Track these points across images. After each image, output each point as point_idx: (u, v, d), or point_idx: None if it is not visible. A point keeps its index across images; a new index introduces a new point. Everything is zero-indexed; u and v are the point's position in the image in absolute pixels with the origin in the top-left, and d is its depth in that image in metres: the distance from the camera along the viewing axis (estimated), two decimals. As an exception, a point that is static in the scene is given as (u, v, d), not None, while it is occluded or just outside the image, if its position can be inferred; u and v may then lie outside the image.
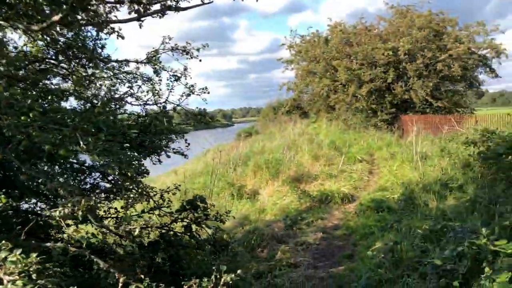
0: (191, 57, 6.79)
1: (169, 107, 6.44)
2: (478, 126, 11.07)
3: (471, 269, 3.28)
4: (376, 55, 21.39)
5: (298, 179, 11.14)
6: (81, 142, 2.92)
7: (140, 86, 6.26)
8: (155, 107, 6.31)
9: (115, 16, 4.50)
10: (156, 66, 6.55)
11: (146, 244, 4.67)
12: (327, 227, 7.24)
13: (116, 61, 5.99)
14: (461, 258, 3.48)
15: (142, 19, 4.40)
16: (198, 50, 6.72)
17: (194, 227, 4.85)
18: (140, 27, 4.81)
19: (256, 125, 52.11)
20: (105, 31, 4.95)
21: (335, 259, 6.13)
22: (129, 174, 3.89)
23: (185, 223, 4.90)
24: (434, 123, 17.36)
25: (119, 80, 6.15)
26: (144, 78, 6.37)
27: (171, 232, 4.95)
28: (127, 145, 5.15)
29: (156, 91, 6.64)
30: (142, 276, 2.98)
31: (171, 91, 6.06)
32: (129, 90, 6.07)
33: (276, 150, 16.41)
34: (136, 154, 5.21)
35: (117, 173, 3.64)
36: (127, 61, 6.12)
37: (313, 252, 6.50)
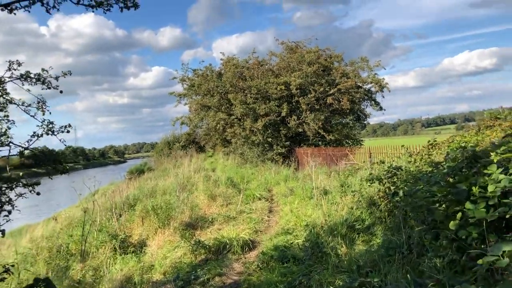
0: (49, 87, 5.43)
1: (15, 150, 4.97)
2: (374, 159, 11.07)
3: None
4: (270, 89, 21.47)
5: (192, 225, 9.93)
6: None
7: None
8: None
9: None
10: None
11: None
12: (226, 285, 6.14)
13: None
14: None
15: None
16: (57, 78, 5.40)
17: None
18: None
19: (149, 161, 49.68)
20: None
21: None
22: None
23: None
24: (328, 156, 17.52)
25: None
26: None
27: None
28: None
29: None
30: None
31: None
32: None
33: (169, 190, 15.03)
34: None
35: None
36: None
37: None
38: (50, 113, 5.32)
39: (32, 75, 5.27)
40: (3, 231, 4.46)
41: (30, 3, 4.88)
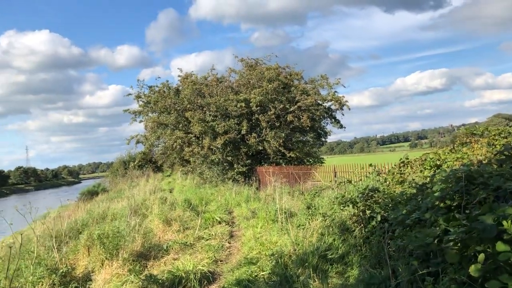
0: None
1: None
2: (341, 178, 10.55)
3: None
4: (229, 106, 20.84)
5: (145, 254, 8.93)
6: None
7: None
8: None
9: None
10: None
11: None
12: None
13: None
14: None
15: None
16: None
17: None
18: None
19: (104, 182, 47.52)
20: None
21: None
22: None
23: None
24: (290, 174, 16.96)
25: None
26: None
27: None
28: None
29: None
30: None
31: None
32: None
33: (120, 214, 13.87)
34: None
35: None
36: None
37: None
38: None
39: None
40: None
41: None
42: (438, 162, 6.72)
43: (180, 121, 22.91)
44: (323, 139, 24.69)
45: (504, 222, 2.21)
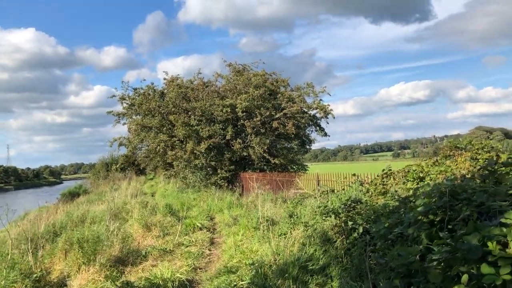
0: None
1: None
2: (322, 187, 10.52)
3: None
4: (215, 111, 20.73)
5: (123, 260, 8.73)
6: None
7: None
8: None
9: None
10: None
11: None
12: None
13: None
14: None
15: None
16: None
17: None
18: None
19: (86, 183, 46.74)
20: None
21: None
22: None
23: None
24: (274, 181, 16.89)
25: None
26: None
27: None
28: None
29: None
30: None
31: None
32: None
33: (100, 217, 13.60)
34: None
35: None
36: None
37: None
38: None
39: None
40: None
41: None
42: (421, 175, 6.73)
43: (164, 124, 22.70)
44: (307, 147, 24.73)
45: (490, 243, 2.16)
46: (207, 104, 21.01)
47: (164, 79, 24.69)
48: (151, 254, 9.14)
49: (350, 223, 5.32)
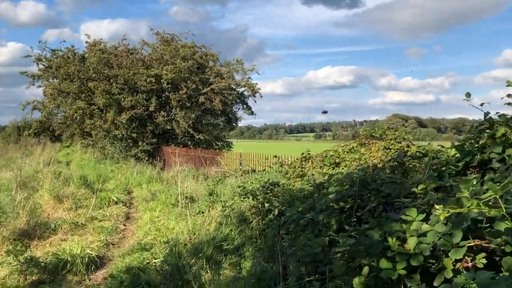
0: None
1: None
2: (246, 167, 10.61)
3: None
4: (138, 80, 19.89)
5: (29, 233, 8.14)
6: None
7: None
8: None
9: None
10: None
11: None
12: (58, 319, 4.86)
13: None
14: None
15: None
16: None
17: None
18: None
19: (-7, 148, 43.05)
20: None
21: None
22: None
23: None
24: (197, 157, 16.74)
25: None
26: None
27: None
28: None
29: None
30: None
31: None
32: None
33: (6, 186, 12.58)
34: None
35: None
36: None
37: None
38: None
39: None
40: None
41: None
42: (337, 160, 7.02)
43: (83, 91, 21.34)
44: (233, 124, 24.75)
45: (390, 239, 2.28)
46: (130, 73, 20.08)
47: (86, 42, 23.08)
48: (61, 228, 8.64)
49: (266, 205, 5.42)
